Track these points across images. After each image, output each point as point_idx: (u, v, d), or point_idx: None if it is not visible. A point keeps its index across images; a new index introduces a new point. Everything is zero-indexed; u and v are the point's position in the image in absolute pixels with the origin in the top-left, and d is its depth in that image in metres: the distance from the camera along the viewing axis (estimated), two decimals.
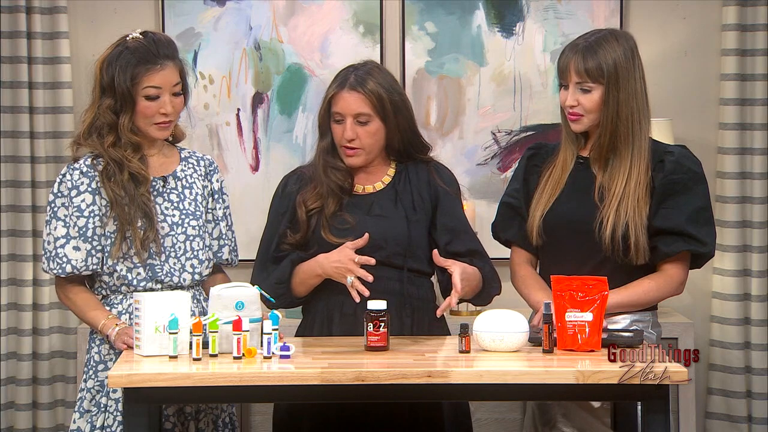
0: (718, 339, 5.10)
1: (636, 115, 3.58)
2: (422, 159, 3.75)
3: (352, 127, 3.63)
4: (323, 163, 3.70)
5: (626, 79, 3.57)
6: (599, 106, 3.58)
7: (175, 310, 3.37)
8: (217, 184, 3.77)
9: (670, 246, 3.57)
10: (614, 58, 3.57)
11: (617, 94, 3.56)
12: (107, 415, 3.58)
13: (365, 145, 3.64)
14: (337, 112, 3.65)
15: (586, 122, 3.62)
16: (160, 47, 3.60)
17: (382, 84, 3.64)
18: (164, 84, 3.59)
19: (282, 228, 3.70)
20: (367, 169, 3.72)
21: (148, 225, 3.59)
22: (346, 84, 3.64)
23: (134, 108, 3.59)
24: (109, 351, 3.63)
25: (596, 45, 3.58)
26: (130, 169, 3.59)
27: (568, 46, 3.63)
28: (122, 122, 3.59)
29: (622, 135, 3.58)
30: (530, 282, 3.70)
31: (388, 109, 3.64)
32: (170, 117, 3.62)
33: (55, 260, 3.60)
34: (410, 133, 3.71)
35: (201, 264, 3.67)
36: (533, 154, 3.77)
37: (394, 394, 3.24)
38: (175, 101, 3.62)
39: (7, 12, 4.96)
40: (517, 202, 3.73)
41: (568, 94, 3.60)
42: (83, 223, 3.59)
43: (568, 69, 3.59)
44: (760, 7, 5.00)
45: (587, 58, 3.57)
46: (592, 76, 3.57)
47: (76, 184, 3.61)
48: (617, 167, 3.60)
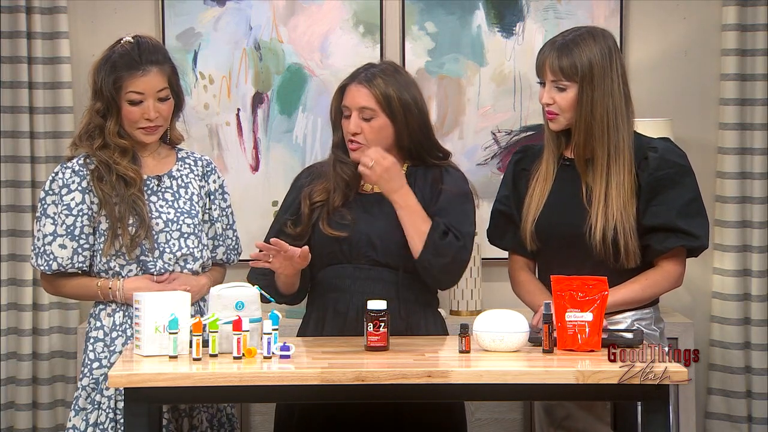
0: (718, 339, 5.10)
1: (612, 115, 3.57)
2: (435, 164, 3.73)
3: (357, 121, 3.65)
4: (333, 158, 3.73)
5: (601, 78, 3.56)
6: (574, 105, 3.57)
7: (175, 310, 3.37)
8: (214, 185, 3.78)
9: (663, 243, 3.57)
10: (589, 57, 3.56)
11: (591, 93, 3.55)
12: (100, 412, 3.59)
13: (369, 141, 3.65)
14: (345, 105, 3.68)
15: (563, 121, 3.61)
16: (144, 53, 3.63)
17: (393, 83, 3.65)
18: (147, 90, 3.62)
19: (283, 219, 3.71)
20: None
21: (139, 223, 3.60)
22: (356, 78, 3.68)
23: (119, 113, 3.63)
24: (103, 349, 3.64)
25: (572, 43, 3.57)
26: (118, 172, 3.62)
27: (547, 43, 3.63)
28: (108, 126, 3.64)
29: (597, 135, 3.57)
30: (530, 287, 3.70)
31: (396, 107, 3.64)
32: (155, 122, 3.65)
33: (42, 257, 3.64)
34: (421, 136, 3.69)
35: (195, 262, 3.68)
36: (520, 158, 3.76)
37: (394, 394, 3.24)
38: (160, 107, 3.64)
39: (7, 12, 4.96)
40: (508, 209, 3.73)
41: (544, 92, 3.61)
42: (71, 221, 3.62)
43: (544, 66, 3.59)
44: (760, 7, 4.99)
45: (562, 56, 3.56)
46: (566, 74, 3.56)
47: (67, 182, 3.64)
48: (596, 167, 3.59)
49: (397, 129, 3.66)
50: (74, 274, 3.66)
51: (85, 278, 3.67)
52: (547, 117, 3.63)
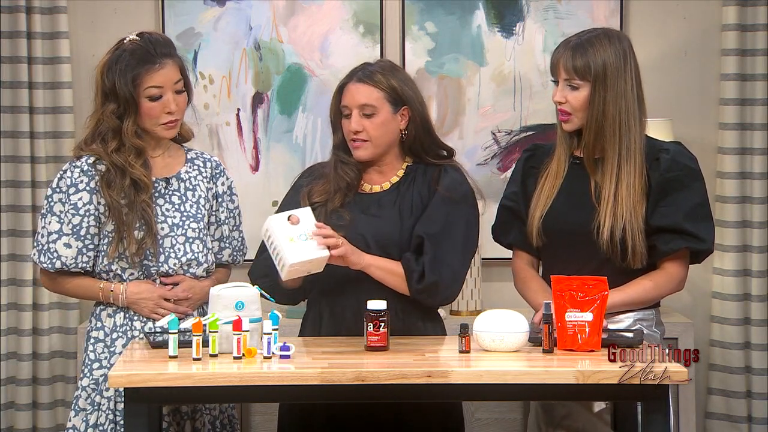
0: (718, 339, 5.10)
1: (624, 116, 3.57)
2: (434, 163, 3.71)
3: (358, 119, 3.63)
4: (335, 159, 3.71)
5: (615, 80, 3.57)
6: (586, 105, 3.58)
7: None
8: (222, 187, 3.76)
9: (668, 244, 3.58)
10: (604, 58, 3.57)
11: (604, 93, 3.56)
12: (100, 414, 3.59)
13: (372, 137, 3.63)
14: (345, 105, 3.66)
15: (576, 121, 3.62)
16: (157, 46, 3.60)
17: (394, 78, 3.64)
18: (165, 83, 3.59)
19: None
20: (380, 167, 3.70)
21: (146, 231, 3.59)
22: (354, 76, 3.66)
23: (138, 111, 3.59)
24: (104, 350, 3.64)
25: (587, 43, 3.59)
26: (133, 176, 3.58)
27: (562, 42, 3.65)
28: (126, 127, 3.59)
29: (608, 135, 3.58)
30: (532, 285, 3.70)
31: (401, 98, 3.63)
32: (175, 115, 3.62)
33: (46, 254, 3.62)
34: (423, 131, 3.68)
35: (199, 266, 3.67)
36: (530, 156, 3.77)
37: (394, 394, 3.24)
38: (179, 99, 3.62)
39: (7, 12, 4.96)
40: (516, 205, 3.73)
41: (557, 90, 3.62)
42: (78, 221, 3.60)
43: (558, 65, 3.61)
44: (760, 7, 4.99)
45: (576, 55, 3.58)
46: (580, 73, 3.57)
47: (75, 181, 3.62)
48: (607, 168, 3.60)
49: (400, 123, 3.64)
50: (76, 273, 3.66)
51: (87, 279, 3.66)
52: (560, 118, 3.64)
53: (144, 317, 3.63)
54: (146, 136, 3.63)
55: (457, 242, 3.61)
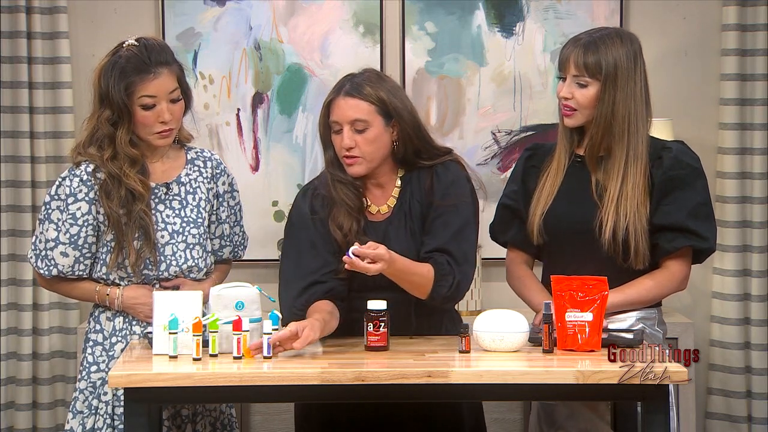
0: (718, 339, 5.10)
1: (633, 117, 3.58)
2: (428, 165, 3.64)
3: (350, 135, 3.54)
4: (331, 177, 3.62)
5: (625, 80, 3.57)
6: (593, 103, 3.58)
7: (188, 309, 3.36)
8: (222, 187, 3.75)
9: (671, 242, 3.58)
10: (615, 58, 3.57)
11: (614, 93, 3.56)
12: (97, 417, 3.58)
13: (365, 153, 3.56)
14: (335, 120, 3.57)
15: (580, 117, 3.62)
16: (153, 54, 3.56)
17: (382, 89, 3.56)
18: (159, 92, 3.56)
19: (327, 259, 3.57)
20: (377, 179, 3.64)
21: (144, 241, 3.58)
22: (341, 91, 3.57)
23: (132, 119, 3.57)
24: (102, 353, 3.63)
25: (599, 41, 3.58)
26: (128, 186, 3.56)
27: (572, 39, 3.64)
28: (119, 135, 3.57)
29: (617, 135, 3.58)
30: (528, 283, 3.70)
31: (391, 110, 3.55)
32: (170, 125, 3.59)
33: (44, 261, 3.62)
34: (417, 140, 3.61)
35: (200, 272, 3.67)
36: (531, 155, 3.76)
37: (394, 394, 3.24)
38: (173, 108, 3.59)
39: (7, 12, 4.96)
40: (516, 204, 3.72)
41: (564, 86, 3.61)
42: (76, 231, 3.59)
43: (568, 61, 3.60)
44: (760, 7, 4.99)
45: (588, 52, 3.57)
46: (590, 71, 3.57)
47: (74, 191, 3.60)
48: (612, 167, 3.59)
49: (392, 135, 3.59)
50: (69, 281, 3.65)
51: (85, 282, 3.64)
52: (563, 113, 3.63)
53: (143, 322, 3.62)
54: (142, 144, 3.62)
55: (468, 252, 3.59)
